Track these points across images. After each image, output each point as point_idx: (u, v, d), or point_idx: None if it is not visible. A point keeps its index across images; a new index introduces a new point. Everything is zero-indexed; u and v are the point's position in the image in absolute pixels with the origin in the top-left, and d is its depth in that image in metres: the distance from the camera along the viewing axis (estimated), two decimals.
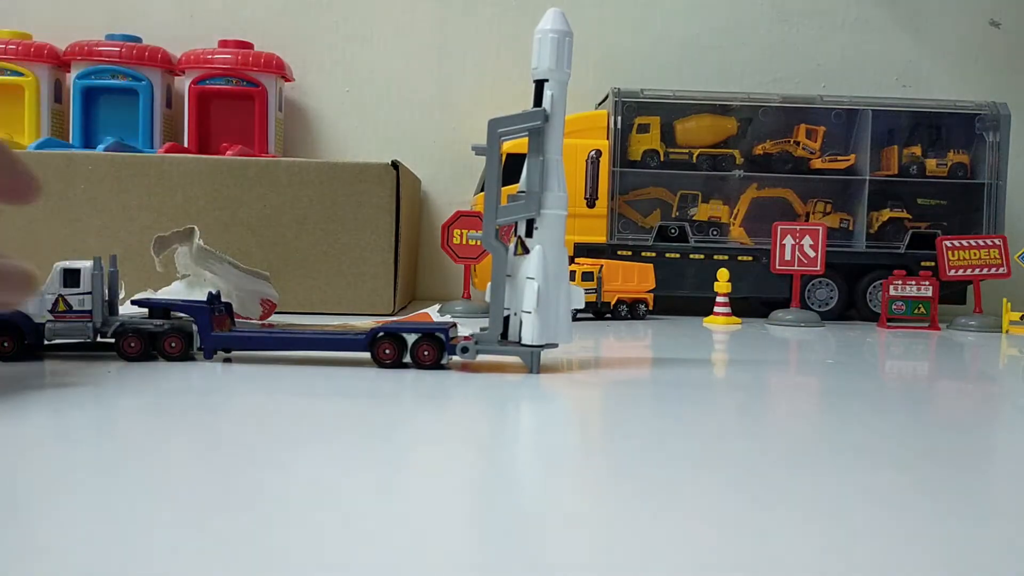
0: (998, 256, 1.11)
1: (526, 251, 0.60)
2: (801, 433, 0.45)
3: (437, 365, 0.59)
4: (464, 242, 1.05)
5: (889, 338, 0.97)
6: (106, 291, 0.61)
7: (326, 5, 1.33)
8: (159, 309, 0.62)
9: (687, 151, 1.19)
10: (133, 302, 0.63)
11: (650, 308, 1.11)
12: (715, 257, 1.17)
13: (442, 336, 0.59)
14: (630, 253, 1.16)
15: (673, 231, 1.18)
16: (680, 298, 1.19)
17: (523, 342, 0.59)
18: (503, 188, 0.61)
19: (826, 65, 1.35)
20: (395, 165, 0.98)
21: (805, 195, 1.22)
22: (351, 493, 0.30)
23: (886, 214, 1.19)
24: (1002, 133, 1.18)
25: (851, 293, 1.19)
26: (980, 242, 1.11)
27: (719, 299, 1.09)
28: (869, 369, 0.72)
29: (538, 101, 0.60)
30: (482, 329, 0.60)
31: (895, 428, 0.46)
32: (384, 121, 1.34)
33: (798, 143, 1.20)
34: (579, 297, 0.61)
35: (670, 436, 0.42)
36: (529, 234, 0.60)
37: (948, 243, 1.12)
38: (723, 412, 0.50)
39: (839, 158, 1.20)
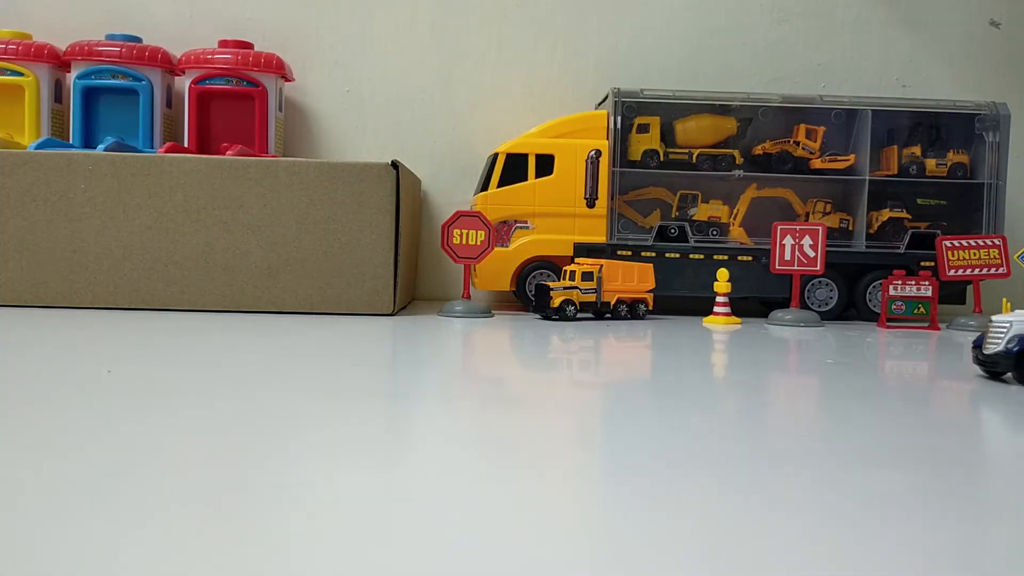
0: (998, 256, 1.11)
1: None
2: (801, 433, 0.45)
3: None
4: (464, 242, 1.05)
5: (889, 338, 0.97)
6: None
7: (326, 5, 1.33)
8: None
9: (687, 151, 1.19)
10: None
11: (650, 308, 1.11)
12: (715, 257, 1.17)
13: None
14: (630, 253, 1.16)
15: (673, 231, 1.18)
16: (680, 298, 1.19)
17: None
18: (502, 188, 0.61)
19: (826, 65, 1.35)
20: (395, 165, 0.98)
21: (805, 195, 1.22)
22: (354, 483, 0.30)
23: (886, 214, 1.19)
24: (1002, 133, 1.18)
25: (851, 293, 1.19)
26: (980, 242, 1.11)
27: (719, 299, 1.09)
28: (869, 369, 0.72)
29: None
30: None
31: (895, 429, 0.46)
32: (384, 121, 1.34)
33: (798, 143, 1.20)
34: None
35: (669, 436, 0.42)
36: None
37: (948, 243, 1.12)
38: (722, 412, 0.50)
39: (839, 158, 1.20)
